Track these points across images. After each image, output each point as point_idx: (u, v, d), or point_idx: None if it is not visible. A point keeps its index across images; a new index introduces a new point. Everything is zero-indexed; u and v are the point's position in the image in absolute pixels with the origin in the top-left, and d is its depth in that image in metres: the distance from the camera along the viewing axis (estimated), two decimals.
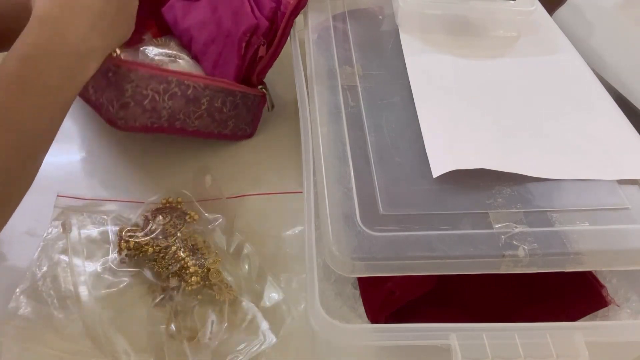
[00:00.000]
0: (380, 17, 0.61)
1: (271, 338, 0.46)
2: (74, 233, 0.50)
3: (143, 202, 0.56)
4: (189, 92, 0.56)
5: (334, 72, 0.52)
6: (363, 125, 0.47)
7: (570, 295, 0.46)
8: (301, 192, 0.43)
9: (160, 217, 0.52)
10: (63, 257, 0.49)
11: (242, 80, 0.59)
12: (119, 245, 0.50)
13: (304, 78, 0.53)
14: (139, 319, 0.47)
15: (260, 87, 0.61)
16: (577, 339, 0.36)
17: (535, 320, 0.37)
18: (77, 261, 0.48)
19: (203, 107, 0.58)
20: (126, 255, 0.50)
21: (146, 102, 0.54)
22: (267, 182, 0.60)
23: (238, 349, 0.45)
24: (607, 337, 0.37)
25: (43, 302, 0.46)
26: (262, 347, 0.45)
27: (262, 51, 0.57)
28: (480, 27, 0.58)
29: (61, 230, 0.51)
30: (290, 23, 0.57)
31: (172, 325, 0.46)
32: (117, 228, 0.52)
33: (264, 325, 0.47)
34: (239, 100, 0.59)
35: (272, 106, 0.63)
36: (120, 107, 0.53)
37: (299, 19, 0.60)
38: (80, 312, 0.45)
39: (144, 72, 0.52)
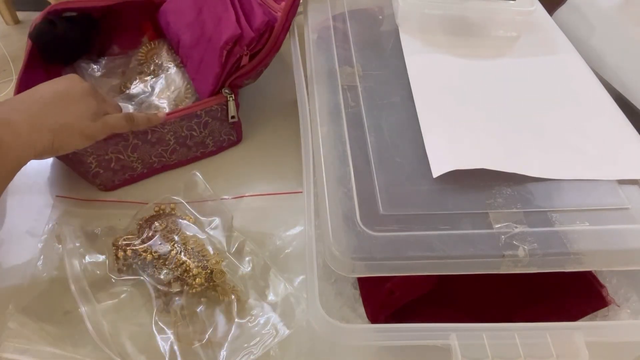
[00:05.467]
0: (380, 17, 0.61)
1: (284, 330, 0.46)
2: (70, 246, 0.49)
3: (143, 203, 0.56)
4: (149, 136, 0.56)
5: (334, 72, 0.52)
6: (363, 125, 0.47)
7: (570, 295, 0.46)
8: (301, 192, 0.43)
9: (157, 223, 0.52)
10: (60, 273, 0.49)
11: (220, 88, 0.58)
12: (116, 254, 0.50)
13: (304, 78, 0.53)
14: (145, 326, 0.46)
15: (225, 91, 0.58)
16: (577, 339, 0.36)
17: (535, 320, 0.37)
18: (75, 275, 0.47)
19: (171, 143, 0.58)
20: (123, 264, 0.50)
21: (112, 164, 0.56)
22: (266, 183, 0.60)
23: (251, 344, 0.45)
24: (607, 337, 0.37)
25: (44, 319, 0.46)
26: (276, 339, 0.45)
27: (244, 61, 0.56)
28: (480, 27, 0.58)
29: (57, 242, 0.50)
30: (280, 41, 0.56)
31: (180, 328, 0.46)
32: (111, 238, 0.51)
33: (275, 318, 0.47)
34: (207, 118, 0.58)
35: (232, 117, 0.59)
36: (93, 177, 0.56)
37: (299, 19, 0.60)
38: (87, 325, 0.44)
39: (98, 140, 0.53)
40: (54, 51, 0.63)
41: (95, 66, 0.66)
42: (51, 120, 0.46)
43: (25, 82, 0.57)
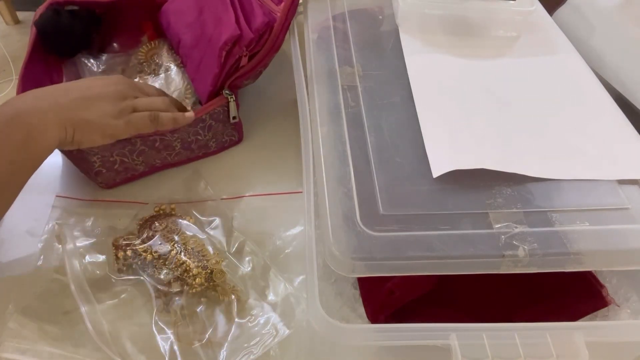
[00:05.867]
0: (380, 17, 0.61)
1: (283, 330, 0.46)
2: (70, 246, 0.49)
3: (143, 203, 0.56)
4: (157, 144, 0.56)
5: (334, 72, 0.52)
6: (363, 125, 0.47)
7: (570, 295, 0.46)
8: (301, 192, 0.43)
9: (157, 223, 0.52)
10: (60, 276, 0.49)
11: (219, 89, 0.58)
12: (116, 254, 0.50)
13: (304, 78, 0.53)
14: (145, 326, 0.46)
15: (226, 92, 0.58)
16: (577, 339, 0.36)
17: (535, 320, 0.37)
18: (75, 275, 0.47)
19: (177, 147, 0.59)
20: (123, 264, 0.49)
21: (117, 165, 0.56)
22: (266, 183, 0.60)
23: (251, 344, 0.45)
24: (607, 337, 0.37)
25: (44, 319, 0.46)
26: (276, 339, 0.46)
27: (243, 61, 0.56)
28: (480, 27, 0.58)
29: (57, 242, 0.50)
30: (279, 41, 0.56)
31: (180, 328, 0.46)
32: (112, 239, 0.51)
33: (275, 318, 0.47)
34: (210, 121, 0.59)
35: (234, 117, 0.60)
36: (96, 175, 0.56)
37: (299, 19, 0.60)
38: (87, 325, 0.44)
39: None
40: (57, 41, 0.63)
41: (95, 62, 0.66)
42: (74, 114, 0.46)
43: (28, 74, 0.57)
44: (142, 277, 0.49)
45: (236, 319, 0.47)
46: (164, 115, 0.52)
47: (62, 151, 0.54)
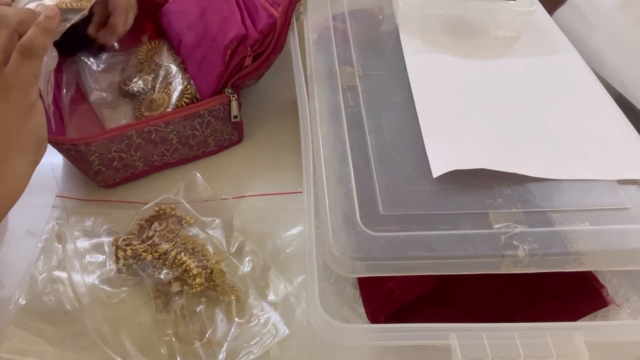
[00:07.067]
0: (380, 17, 0.61)
1: (284, 330, 0.46)
2: (70, 246, 0.49)
3: (143, 203, 0.56)
4: (153, 136, 0.56)
5: (334, 72, 0.52)
6: (363, 125, 0.47)
7: (570, 295, 0.46)
8: (301, 192, 0.43)
9: (157, 223, 0.52)
10: (60, 273, 0.49)
11: (222, 87, 0.58)
12: (116, 254, 0.50)
13: (304, 78, 0.53)
14: (145, 326, 0.46)
15: (228, 90, 0.58)
16: (577, 339, 0.36)
17: (535, 320, 0.37)
18: (75, 275, 0.48)
19: (174, 142, 0.58)
20: (123, 264, 0.49)
21: (115, 163, 0.56)
22: (266, 183, 0.60)
23: (252, 343, 0.45)
24: (607, 337, 0.37)
25: (44, 319, 0.46)
26: (276, 339, 0.46)
27: (247, 61, 0.56)
28: (480, 27, 0.58)
29: (57, 242, 0.50)
30: (281, 40, 0.57)
31: (180, 328, 0.46)
32: (112, 239, 0.51)
33: (275, 318, 0.47)
34: (209, 117, 0.58)
35: (235, 117, 0.60)
36: (95, 174, 0.56)
37: (299, 19, 0.60)
38: (87, 324, 0.45)
39: (101, 139, 0.53)
40: (57, 41, 0.63)
41: (95, 61, 0.66)
42: None
43: None
44: (142, 277, 0.49)
45: (236, 319, 0.47)
46: (30, 40, 0.37)
47: (61, 151, 0.54)
